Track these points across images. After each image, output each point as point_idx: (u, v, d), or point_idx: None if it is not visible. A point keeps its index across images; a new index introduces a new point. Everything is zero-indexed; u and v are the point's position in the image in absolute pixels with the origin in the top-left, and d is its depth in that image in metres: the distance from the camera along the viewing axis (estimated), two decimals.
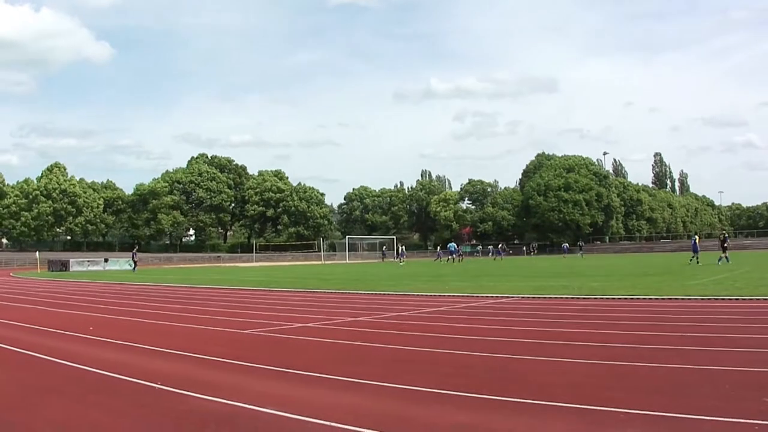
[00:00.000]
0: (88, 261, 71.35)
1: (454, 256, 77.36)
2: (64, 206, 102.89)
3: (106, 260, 72.75)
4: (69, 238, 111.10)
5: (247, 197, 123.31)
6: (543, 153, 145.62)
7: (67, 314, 19.12)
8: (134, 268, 59.52)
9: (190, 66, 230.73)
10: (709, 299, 18.46)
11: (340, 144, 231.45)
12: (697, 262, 43.86)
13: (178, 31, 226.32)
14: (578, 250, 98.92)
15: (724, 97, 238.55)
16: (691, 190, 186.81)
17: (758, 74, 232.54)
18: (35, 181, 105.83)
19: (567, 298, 20.42)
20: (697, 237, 51.89)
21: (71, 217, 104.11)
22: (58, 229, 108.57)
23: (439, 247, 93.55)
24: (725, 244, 44.68)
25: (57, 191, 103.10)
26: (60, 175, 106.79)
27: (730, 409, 6.54)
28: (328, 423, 6.33)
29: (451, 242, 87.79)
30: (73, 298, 26.05)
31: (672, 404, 6.76)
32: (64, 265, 65.90)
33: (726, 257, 42.80)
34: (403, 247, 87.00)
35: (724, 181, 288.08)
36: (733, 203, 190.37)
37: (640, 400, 6.95)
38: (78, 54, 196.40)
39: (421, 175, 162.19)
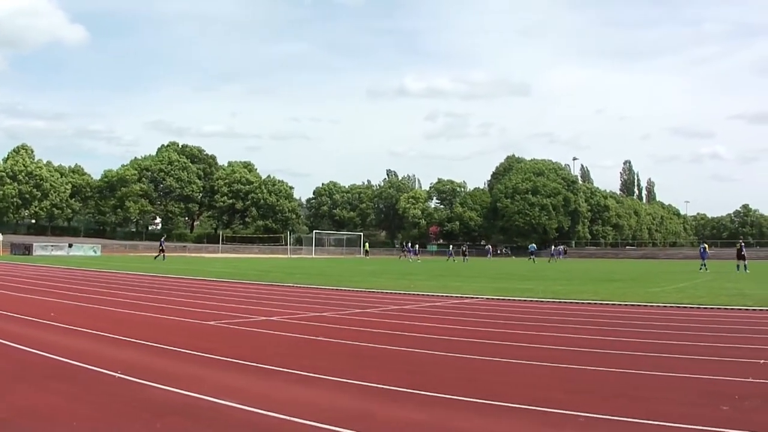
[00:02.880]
0: (52, 246, 70.82)
1: (533, 257, 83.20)
2: (30, 189, 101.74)
3: (70, 245, 72.19)
4: (33, 221, 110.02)
5: (216, 188, 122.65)
6: (513, 156, 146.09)
7: (28, 299, 18.92)
8: (163, 257, 58.42)
9: (165, 53, 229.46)
10: (670, 307, 18.64)
11: (311, 138, 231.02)
12: (706, 269, 44.64)
13: (154, 17, 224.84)
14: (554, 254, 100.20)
15: (693, 108, 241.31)
16: (658, 198, 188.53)
17: (727, 87, 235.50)
18: (1, 162, 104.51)
19: (530, 300, 20.54)
20: (706, 245, 52.46)
21: (37, 201, 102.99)
22: (23, 212, 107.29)
23: (451, 247, 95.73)
24: (742, 252, 45.31)
25: (23, 173, 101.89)
26: (27, 157, 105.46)
27: (688, 415, 6.60)
28: (287, 417, 6.31)
29: (532, 243, 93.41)
30: (35, 282, 25.80)
31: (631, 409, 6.80)
32: (27, 249, 65.39)
33: (744, 265, 43.65)
34: (417, 246, 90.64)
35: (691, 191, 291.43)
36: (698, 213, 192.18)
37: (599, 404, 7.01)
38: (52, 36, 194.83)
39: (387, 175, 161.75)
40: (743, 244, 48.40)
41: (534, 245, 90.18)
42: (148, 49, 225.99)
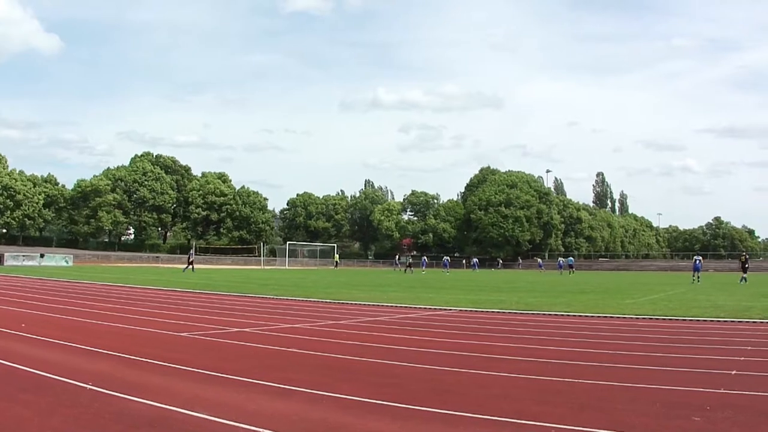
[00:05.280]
0: (24, 256, 70.32)
1: (572, 269, 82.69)
2: (2, 199, 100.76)
3: (42, 256, 71.69)
4: (5, 231, 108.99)
5: (190, 199, 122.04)
6: (488, 167, 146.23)
7: None
8: (187, 269, 57.97)
9: (139, 63, 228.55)
10: (643, 318, 18.76)
11: (285, 149, 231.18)
12: (698, 281, 45.94)
13: (129, 27, 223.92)
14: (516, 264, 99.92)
15: (664, 121, 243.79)
16: (631, 210, 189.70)
17: (698, 101, 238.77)
18: None
19: (504, 312, 20.58)
20: (699, 257, 53.20)
21: (9, 211, 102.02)
22: None
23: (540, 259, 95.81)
24: (746, 265, 45.91)
25: None
26: (1, 167, 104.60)
27: (660, 426, 6.64)
28: (260, 429, 6.29)
29: (570, 257, 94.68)
30: (5, 293, 25.58)
31: (603, 421, 6.83)
32: None
33: (744, 278, 44.71)
34: (425, 257, 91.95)
35: (663, 204, 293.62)
36: (670, 225, 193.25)
37: (571, 416, 7.03)
38: (26, 45, 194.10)
39: (365, 185, 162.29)
40: (747, 256, 48.87)
41: (572, 258, 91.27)
42: (122, 58, 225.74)
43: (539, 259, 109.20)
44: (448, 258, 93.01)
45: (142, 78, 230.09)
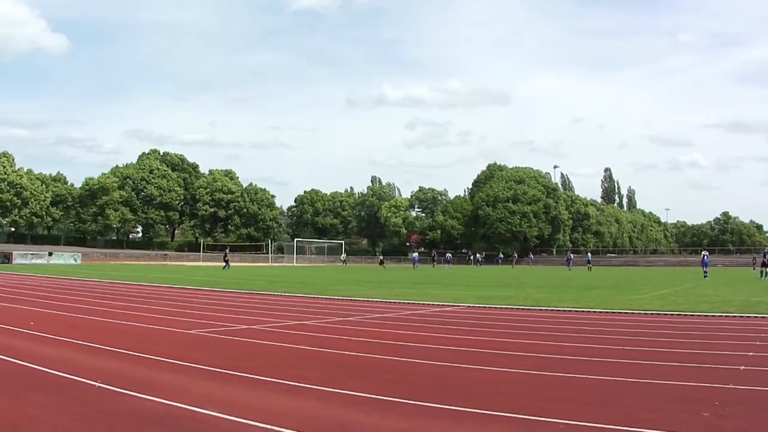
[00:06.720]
0: (32, 254, 70.42)
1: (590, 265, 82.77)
2: (10, 197, 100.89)
3: (50, 254, 71.80)
4: (13, 230, 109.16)
5: (197, 196, 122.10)
6: (495, 163, 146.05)
7: (7, 308, 18.78)
8: (226, 267, 59.18)
9: (145, 62, 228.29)
10: (651, 314, 18.72)
11: (291, 147, 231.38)
12: (706, 276, 45.92)
13: (135, 26, 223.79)
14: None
15: (670, 117, 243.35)
16: (639, 206, 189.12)
17: (703, 96, 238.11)
18: None
19: (512, 308, 20.55)
20: (707, 252, 53.31)
21: (17, 209, 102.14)
22: (2, 221, 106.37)
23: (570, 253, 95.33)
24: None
25: (4, 182, 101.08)
26: (7, 165, 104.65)
27: (668, 422, 6.62)
28: (269, 426, 6.30)
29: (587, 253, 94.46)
30: (14, 291, 25.65)
31: (612, 416, 6.82)
32: (6, 258, 64.96)
33: (766, 272, 45.00)
34: (449, 254, 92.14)
35: (670, 199, 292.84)
36: (678, 221, 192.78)
37: (579, 411, 7.02)
38: (33, 44, 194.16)
39: (372, 181, 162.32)
40: None
41: (590, 254, 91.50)
42: (128, 58, 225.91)
43: (516, 256, 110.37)
44: (417, 255, 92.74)
45: (148, 77, 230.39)
